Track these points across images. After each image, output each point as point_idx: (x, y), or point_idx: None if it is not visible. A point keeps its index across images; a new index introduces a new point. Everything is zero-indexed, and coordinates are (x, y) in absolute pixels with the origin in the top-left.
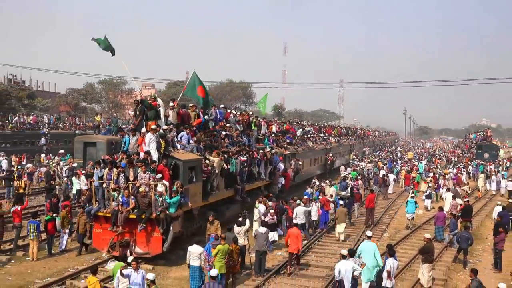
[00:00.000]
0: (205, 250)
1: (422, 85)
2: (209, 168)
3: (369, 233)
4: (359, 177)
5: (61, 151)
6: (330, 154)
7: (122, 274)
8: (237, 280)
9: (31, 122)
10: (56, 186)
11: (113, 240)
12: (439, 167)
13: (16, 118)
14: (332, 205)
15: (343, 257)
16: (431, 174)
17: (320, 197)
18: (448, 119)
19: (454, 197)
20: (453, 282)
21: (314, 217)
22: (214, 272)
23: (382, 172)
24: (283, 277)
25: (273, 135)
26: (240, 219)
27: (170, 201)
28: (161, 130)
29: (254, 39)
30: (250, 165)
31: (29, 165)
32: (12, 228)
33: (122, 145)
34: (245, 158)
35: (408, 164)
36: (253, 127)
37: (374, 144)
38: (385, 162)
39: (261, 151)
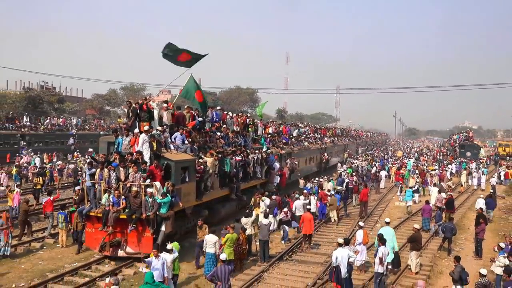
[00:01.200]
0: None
1: (411, 90)
2: (202, 168)
3: (361, 223)
4: (353, 174)
5: (90, 149)
6: (325, 154)
7: (144, 261)
8: (244, 266)
9: (61, 124)
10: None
11: (104, 240)
12: (426, 164)
13: (48, 120)
14: (329, 199)
15: (340, 245)
16: (417, 172)
17: (319, 192)
18: (434, 121)
19: (439, 192)
20: (438, 268)
21: (313, 209)
22: (223, 256)
23: (374, 169)
24: (286, 263)
25: (269, 135)
26: (247, 211)
27: (160, 201)
28: (154, 131)
29: (260, 50)
30: (245, 164)
31: (59, 162)
32: (44, 218)
33: (116, 146)
34: (240, 158)
35: (398, 162)
36: (249, 130)
37: (367, 144)
38: (377, 160)
39: (257, 151)
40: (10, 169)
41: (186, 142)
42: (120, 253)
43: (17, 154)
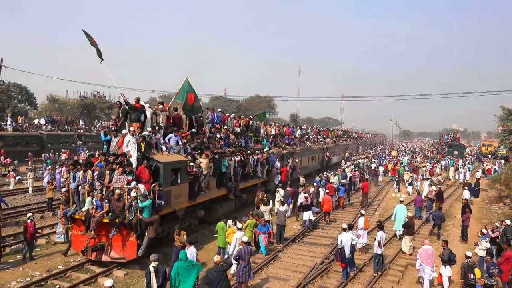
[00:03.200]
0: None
1: (405, 98)
2: (194, 169)
3: (363, 211)
4: (356, 169)
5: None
6: (327, 153)
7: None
8: None
9: (110, 126)
10: None
11: (88, 244)
12: (419, 160)
13: (99, 123)
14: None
15: (344, 230)
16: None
17: (326, 184)
18: (425, 124)
19: (430, 185)
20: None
21: (321, 199)
22: (245, 238)
23: (374, 165)
24: (298, 244)
25: (271, 137)
26: (266, 200)
27: (142, 205)
28: (145, 132)
29: (277, 63)
30: (245, 164)
31: None
32: None
33: (103, 146)
34: (240, 158)
35: (394, 159)
36: (251, 135)
37: (366, 144)
38: (376, 157)
39: (257, 151)
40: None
41: (180, 143)
42: (104, 257)
43: (75, 151)
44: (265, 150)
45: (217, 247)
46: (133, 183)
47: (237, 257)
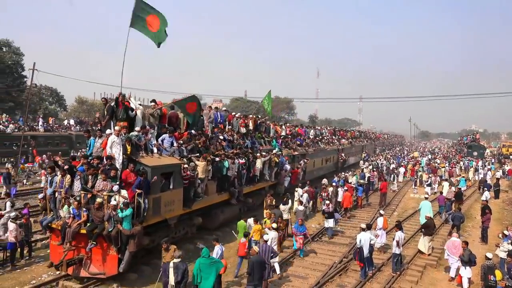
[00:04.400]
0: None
1: (424, 99)
2: (188, 173)
3: (381, 211)
4: (374, 170)
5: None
6: (343, 154)
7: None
8: (282, 246)
9: (93, 126)
10: None
11: (65, 257)
12: (437, 161)
13: None
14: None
15: (363, 229)
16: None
17: (345, 184)
18: (444, 125)
19: (450, 186)
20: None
21: (340, 198)
22: (266, 237)
23: (392, 166)
24: (317, 243)
25: (281, 137)
26: (284, 199)
27: (122, 215)
28: (134, 132)
29: (296, 66)
30: (249, 167)
31: None
32: None
33: (87, 148)
34: (244, 161)
35: (412, 160)
36: (257, 135)
37: (384, 144)
38: (394, 158)
39: (264, 153)
40: None
41: (175, 144)
42: (83, 272)
43: None
44: (274, 151)
45: (238, 244)
46: (115, 187)
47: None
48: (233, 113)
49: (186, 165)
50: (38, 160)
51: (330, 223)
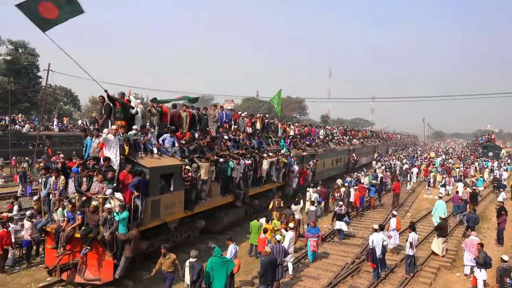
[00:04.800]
0: None
1: (438, 98)
2: (190, 174)
3: (394, 212)
4: (387, 170)
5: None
6: (353, 154)
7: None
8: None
9: (88, 125)
10: None
11: (59, 261)
12: (451, 162)
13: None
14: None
15: (375, 230)
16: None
17: (357, 185)
18: (458, 125)
19: (465, 186)
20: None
21: (352, 199)
22: (278, 237)
23: (406, 166)
24: (329, 243)
25: (290, 137)
26: (296, 199)
27: (118, 218)
28: (131, 132)
29: (309, 66)
30: (256, 168)
31: None
32: None
33: (84, 148)
34: (250, 162)
35: (426, 160)
36: (265, 135)
37: (397, 144)
38: (408, 158)
39: (271, 153)
40: None
41: (176, 145)
42: (78, 278)
43: None
44: (281, 152)
45: (250, 244)
46: (108, 191)
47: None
48: (239, 113)
49: (187, 166)
50: (54, 159)
51: (342, 225)
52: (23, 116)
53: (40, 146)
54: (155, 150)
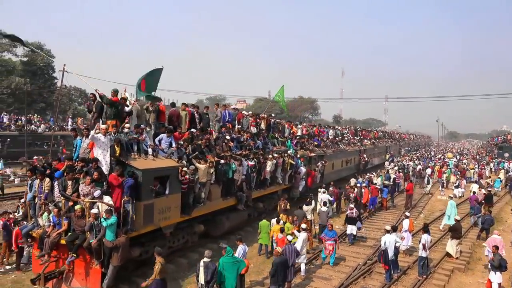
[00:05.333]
0: None
1: (452, 98)
2: (187, 176)
3: (407, 213)
4: (400, 171)
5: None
6: (364, 155)
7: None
8: None
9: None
10: None
11: (45, 270)
12: (465, 162)
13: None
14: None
15: (387, 231)
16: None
17: (370, 186)
18: (473, 125)
19: (479, 188)
20: (477, 255)
21: (364, 200)
22: (290, 237)
23: (419, 167)
24: (340, 244)
25: (297, 138)
26: (308, 200)
27: (106, 224)
28: (124, 131)
29: (321, 66)
30: (260, 170)
31: None
32: None
33: (74, 149)
34: (253, 163)
35: (440, 161)
36: (271, 136)
37: (410, 145)
38: (421, 159)
39: (276, 154)
40: None
41: (174, 145)
42: (64, 287)
43: None
44: (288, 152)
45: (259, 244)
46: (97, 192)
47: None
48: (244, 112)
49: (184, 168)
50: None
51: (353, 229)
52: (39, 116)
53: (55, 146)
54: (150, 151)
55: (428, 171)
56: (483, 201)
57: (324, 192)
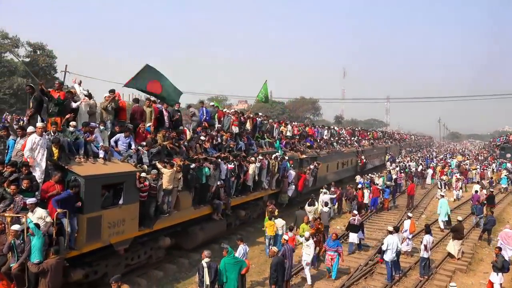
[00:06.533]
0: None
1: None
2: (147, 183)
3: (410, 214)
4: (401, 171)
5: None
6: (362, 157)
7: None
8: None
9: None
10: None
11: None
12: (467, 163)
13: None
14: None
15: (390, 232)
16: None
17: (371, 186)
18: (475, 126)
19: (481, 189)
20: (479, 256)
21: (366, 200)
22: (286, 237)
23: (420, 167)
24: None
25: (287, 138)
26: (310, 200)
27: (32, 243)
28: (71, 129)
29: (322, 67)
30: (239, 174)
31: None
32: None
33: (6, 151)
34: (233, 166)
35: (441, 161)
36: (257, 136)
37: (410, 146)
38: (423, 160)
39: (260, 157)
40: None
41: (133, 147)
42: None
43: None
44: (276, 154)
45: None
46: (30, 200)
47: (282, 256)
48: (225, 110)
49: (143, 174)
50: None
51: (354, 239)
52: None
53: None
54: (101, 154)
55: (429, 171)
56: (485, 202)
57: (325, 193)
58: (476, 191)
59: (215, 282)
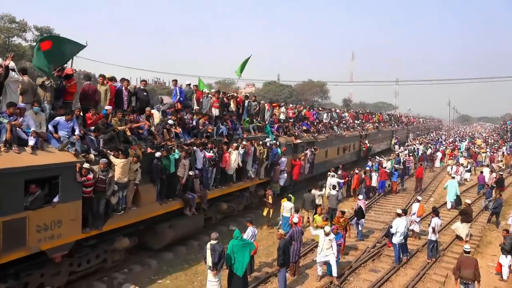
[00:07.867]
0: None
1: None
2: (91, 176)
3: (419, 197)
4: (410, 154)
5: None
6: (366, 141)
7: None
8: None
9: None
10: None
11: None
12: (476, 145)
13: None
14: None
15: (398, 215)
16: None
17: (379, 169)
18: (486, 109)
19: (491, 172)
20: (487, 239)
21: (374, 183)
22: (295, 219)
23: (430, 151)
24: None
25: (280, 121)
26: (319, 184)
27: None
28: None
29: (331, 48)
30: (217, 163)
31: None
32: None
33: None
34: (211, 154)
35: (451, 144)
36: (245, 120)
37: (419, 129)
38: (432, 143)
39: (244, 142)
40: None
41: (77, 132)
42: None
43: None
44: (266, 140)
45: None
46: None
47: (290, 238)
48: (205, 90)
49: (86, 165)
50: None
51: (354, 222)
52: None
53: None
54: (30, 141)
55: (438, 154)
56: (494, 185)
57: (333, 176)
58: (481, 172)
59: (218, 263)
